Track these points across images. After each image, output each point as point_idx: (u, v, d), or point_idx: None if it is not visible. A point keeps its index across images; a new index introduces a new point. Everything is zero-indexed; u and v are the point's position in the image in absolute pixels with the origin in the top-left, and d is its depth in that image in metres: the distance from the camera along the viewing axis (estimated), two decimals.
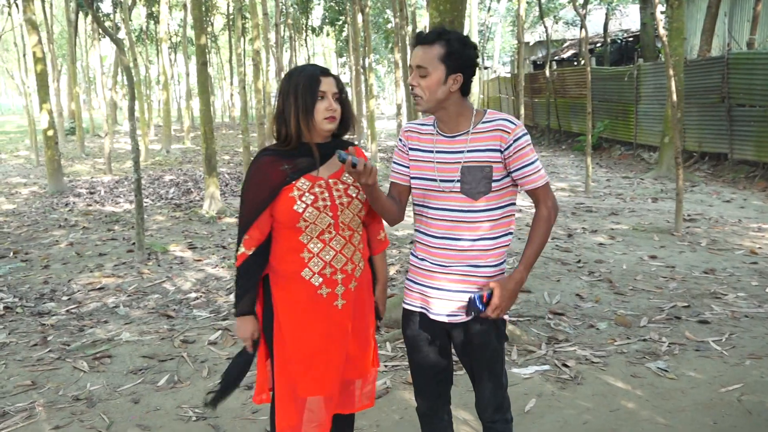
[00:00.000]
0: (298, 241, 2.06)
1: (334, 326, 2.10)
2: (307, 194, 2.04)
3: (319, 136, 2.08)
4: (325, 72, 2.07)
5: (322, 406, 2.11)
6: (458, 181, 2.01)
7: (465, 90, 2.04)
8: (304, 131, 2.05)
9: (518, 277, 2.00)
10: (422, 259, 2.12)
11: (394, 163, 2.19)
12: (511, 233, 2.10)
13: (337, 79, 2.08)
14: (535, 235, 2.03)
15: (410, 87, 2.04)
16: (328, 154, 2.09)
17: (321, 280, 2.06)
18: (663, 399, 3.27)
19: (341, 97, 2.09)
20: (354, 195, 2.10)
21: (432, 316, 2.10)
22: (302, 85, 2.02)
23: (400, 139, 2.18)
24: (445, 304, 2.07)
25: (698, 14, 16.38)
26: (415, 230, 2.18)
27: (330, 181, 2.09)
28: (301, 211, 2.02)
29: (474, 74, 2.05)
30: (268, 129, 2.24)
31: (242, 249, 2.09)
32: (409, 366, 2.22)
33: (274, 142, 2.15)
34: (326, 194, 2.06)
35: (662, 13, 12.41)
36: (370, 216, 2.21)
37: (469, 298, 2.00)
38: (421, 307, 2.13)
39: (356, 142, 2.23)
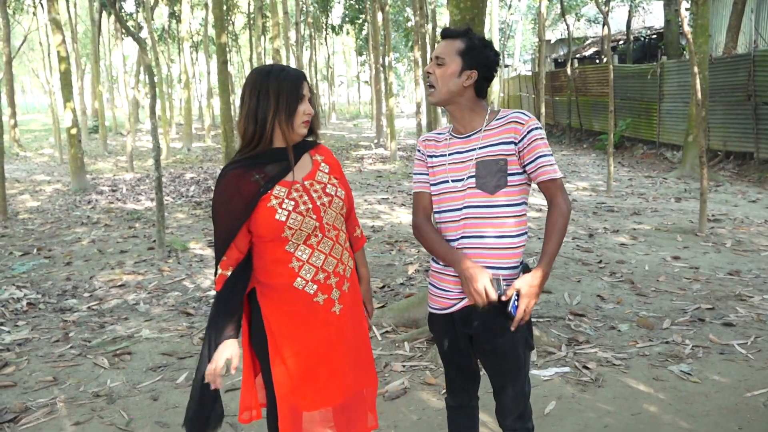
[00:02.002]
0: (285, 252, 1.94)
1: (335, 333, 2.01)
2: (286, 201, 1.92)
3: (292, 140, 1.99)
4: (304, 74, 2.00)
5: (330, 417, 2.01)
6: (472, 177, 2.02)
7: (480, 91, 2.07)
8: (280, 134, 1.96)
9: (542, 272, 1.96)
10: (445, 265, 2.09)
11: (416, 174, 2.20)
12: (526, 233, 2.07)
13: (309, 83, 2.02)
14: (554, 229, 1.98)
15: (426, 75, 2.07)
16: (297, 155, 2.01)
17: (316, 287, 1.97)
18: (686, 403, 3.21)
19: (311, 99, 2.03)
20: (333, 193, 2.01)
21: (456, 314, 2.09)
22: (288, 85, 1.93)
23: (419, 150, 2.20)
24: (465, 302, 2.06)
25: (724, 11, 16.10)
26: None
27: (306, 183, 1.99)
28: (284, 219, 1.90)
29: (491, 77, 2.07)
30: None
31: (220, 271, 1.96)
32: (442, 362, 2.26)
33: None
34: (306, 197, 1.96)
35: (687, 9, 12.21)
36: (345, 214, 2.14)
37: (497, 281, 1.96)
38: (445, 310, 2.11)
39: (319, 142, 2.16)
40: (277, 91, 1.92)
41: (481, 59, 2.03)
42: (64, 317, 4.81)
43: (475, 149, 2.04)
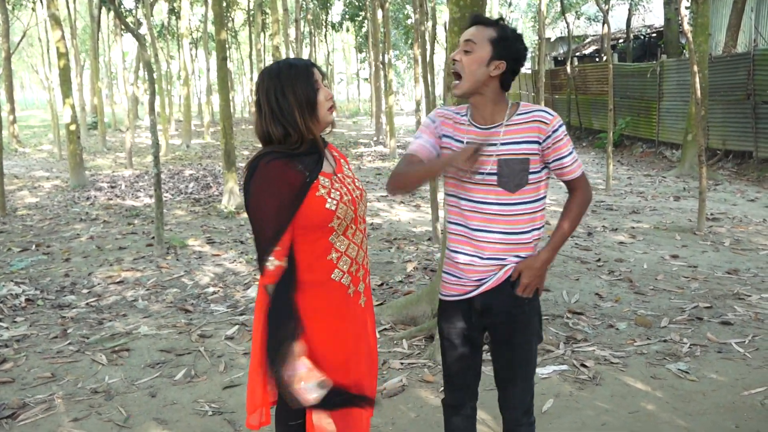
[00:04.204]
0: (327, 243, 1.92)
1: (360, 326, 2.03)
2: (332, 190, 1.91)
3: (320, 130, 1.96)
4: (310, 62, 1.96)
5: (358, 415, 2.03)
6: (494, 173, 1.98)
7: (505, 84, 2.01)
8: (309, 127, 1.91)
9: (544, 256, 2.02)
10: (460, 253, 2.07)
11: (420, 137, 2.09)
12: (542, 227, 2.07)
13: (319, 68, 1.98)
14: (566, 217, 2.04)
15: (452, 62, 1.99)
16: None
17: (349, 278, 1.97)
18: (684, 401, 3.22)
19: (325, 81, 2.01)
20: (361, 187, 2.05)
21: (476, 303, 2.07)
22: (300, 78, 1.89)
23: (433, 120, 2.09)
24: (484, 287, 2.05)
25: (724, 10, 16.10)
26: (450, 222, 2.12)
27: (339, 175, 1.99)
28: (333, 208, 1.88)
29: (517, 71, 2.01)
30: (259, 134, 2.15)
31: (277, 262, 1.87)
32: (442, 358, 2.21)
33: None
34: (344, 189, 1.96)
35: (687, 8, 12.22)
36: None
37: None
38: (461, 296, 2.08)
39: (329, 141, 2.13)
40: (293, 90, 1.88)
41: (512, 51, 1.97)
42: (62, 313, 4.81)
43: (496, 144, 1.98)
